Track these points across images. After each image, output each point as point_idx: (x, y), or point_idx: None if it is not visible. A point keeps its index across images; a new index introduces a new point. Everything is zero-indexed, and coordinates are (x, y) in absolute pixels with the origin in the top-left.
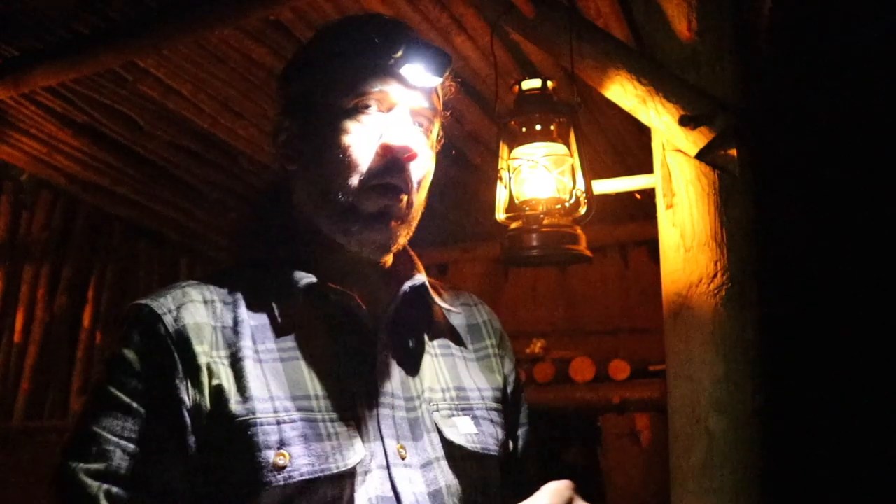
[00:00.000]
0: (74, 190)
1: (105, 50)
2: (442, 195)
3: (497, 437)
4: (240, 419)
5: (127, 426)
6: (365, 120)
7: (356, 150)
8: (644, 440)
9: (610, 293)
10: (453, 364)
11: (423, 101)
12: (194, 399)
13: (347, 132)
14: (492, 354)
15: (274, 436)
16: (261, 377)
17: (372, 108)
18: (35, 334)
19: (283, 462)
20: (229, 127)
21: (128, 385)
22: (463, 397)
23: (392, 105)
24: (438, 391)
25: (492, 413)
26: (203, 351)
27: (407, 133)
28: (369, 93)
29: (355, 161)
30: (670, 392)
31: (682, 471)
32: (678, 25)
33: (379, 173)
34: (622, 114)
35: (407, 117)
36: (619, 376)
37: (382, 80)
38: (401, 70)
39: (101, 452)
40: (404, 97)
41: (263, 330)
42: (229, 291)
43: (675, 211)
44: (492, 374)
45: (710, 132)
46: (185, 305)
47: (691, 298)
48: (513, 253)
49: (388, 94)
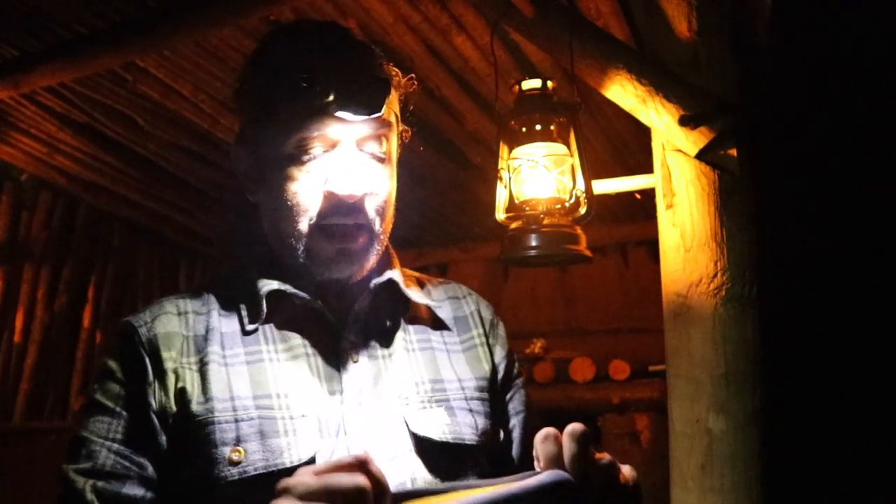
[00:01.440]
0: (74, 190)
1: (105, 50)
2: (442, 195)
3: (476, 427)
4: (199, 418)
5: (111, 428)
6: (309, 165)
7: (302, 196)
8: (644, 440)
9: (610, 293)
10: (432, 357)
11: (368, 129)
12: (160, 401)
13: (293, 179)
14: (478, 344)
15: (231, 433)
16: (224, 379)
17: (315, 150)
18: (35, 334)
19: (238, 458)
20: (229, 127)
21: (111, 391)
22: (438, 389)
23: (335, 143)
24: (411, 385)
25: (472, 402)
26: (170, 357)
27: (351, 175)
28: (308, 138)
29: (302, 207)
30: (670, 392)
31: (682, 471)
32: (678, 25)
33: (326, 215)
34: (622, 114)
35: (352, 153)
36: (619, 376)
37: (319, 124)
38: (338, 115)
39: (89, 453)
40: (346, 133)
41: (233, 336)
42: (203, 303)
43: (675, 211)
44: (478, 364)
45: (710, 132)
46: (158, 317)
47: (691, 298)
48: (513, 253)
49: (328, 135)
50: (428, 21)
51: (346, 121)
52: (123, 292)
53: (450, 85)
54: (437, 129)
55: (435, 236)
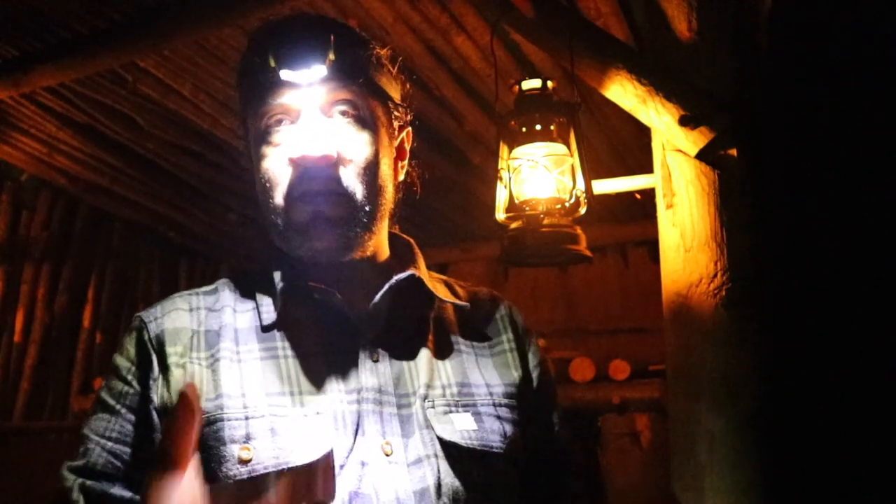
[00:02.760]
0: (74, 190)
1: (105, 50)
2: (442, 195)
3: (504, 434)
4: (207, 415)
5: (109, 426)
6: (277, 138)
7: (274, 170)
8: (644, 440)
9: (610, 293)
10: (460, 360)
11: (328, 91)
12: (162, 397)
13: (265, 156)
14: (507, 350)
15: (240, 430)
16: (235, 376)
17: (282, 123)
18: (35, 334)
19: (248, 455)
20: (229, 127)
21: (115, 388)
22: (466, 393)
23: (298, 112)
24: (437, 387)
25: (500, 409)
26: (176, 352)
27: (309, 137)
28: (269, 112)
29: (275, 181)
30: (670, 392)
31: (682, 471)
32: (678, 25)
33: (296, 184)
34: (622, 114)
35: (316, 119)
36: (619, 376)
37: (274, 94)
38: (284, 78)
39: (85, 451)
40: (305, 100)
41: (248, 332)
42: (217, 299)
43: (675, 211)
44: (507, 370)
45: (710, 132)
46: (169, 313)
47: (691, 298)
48: (513, 253)
49: (287, 104)
50: (428, 21)
51: (299, 85)
52: (123, 292)
53: (450, 85)
54: (437, 129)
55: (435, 236)
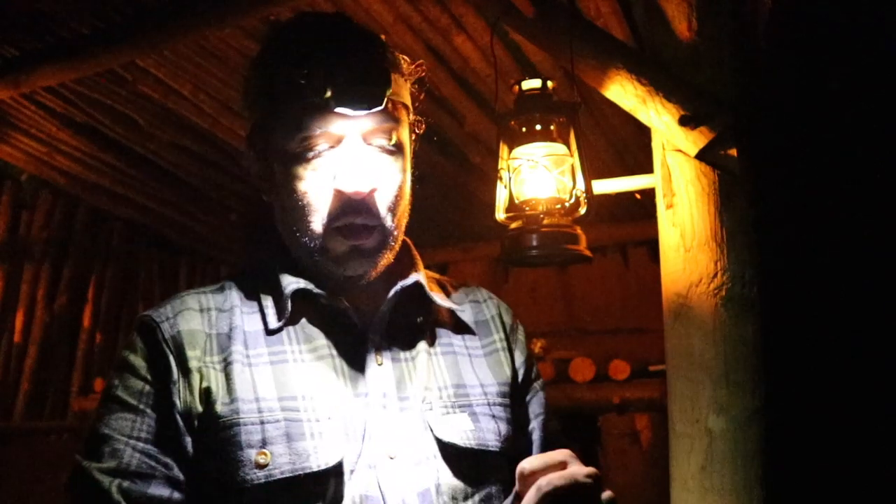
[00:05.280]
0: (74, 190)
1: (105, 50)
2: (442, 195)
3: (499, 433)
4: (224, 419)
5: (135, 426)
6: (316, 163)
7: (312, 195)
8: (644, 440)
9: (610, 293)
10: (455, 361)
11: (373, 122)
12: (185, 400)
13: (301, 178)
14: (500, 349)
15: (257, 435)
16: (248, 380)
17: (320, 147)
18: (35, 334)
19: (265, 461)
20: (229, 127)
21: (134, 387)
22: (462, 394)
23: (339, 139)
24: (434, 389)
25: (495, 408)
26: (195, 356)
27: (358, 171)
28: (312, 136)
29: (313, 206)
30: (670, 392)
31: (682, 471)
32: (678, 25)
33: (339, 215)
34: (622, 114)
35: (358, 148)
36: (619, 376)
37: (321, 122)
38: (338, 111)
39: (113, 452)
40: (350, 128)
41: (256, 335)
42: (226, 299)
43: (675, 211)
44: (500, 369)
45: (710, 132)
46: (181, 313)
47: (691, 298)
48: (513, 253)
49: (331, 131)
50: (428, 21)
51: (348, 116)
52: (123, 292)
53: (450, 85)
54: (437, 129)
55: (435, 236)
